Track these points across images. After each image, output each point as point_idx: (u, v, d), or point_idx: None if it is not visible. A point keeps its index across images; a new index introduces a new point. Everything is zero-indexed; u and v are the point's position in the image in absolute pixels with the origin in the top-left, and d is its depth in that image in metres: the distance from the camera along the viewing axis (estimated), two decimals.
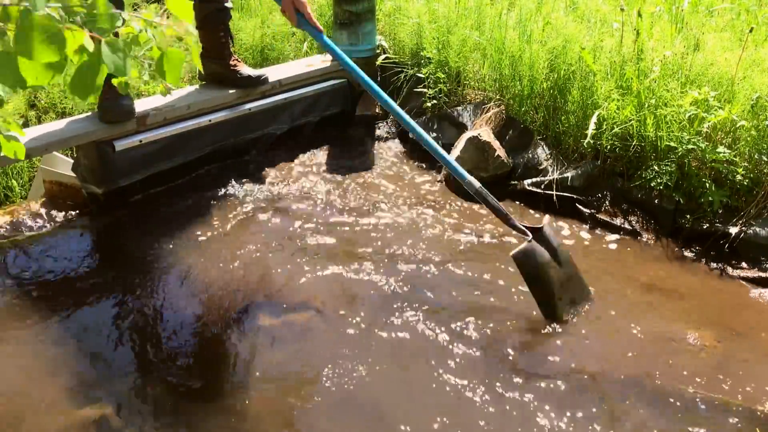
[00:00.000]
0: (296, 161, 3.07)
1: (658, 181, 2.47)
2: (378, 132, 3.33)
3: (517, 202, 2.80)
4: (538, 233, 2.13)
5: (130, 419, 1.75)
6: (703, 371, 1.90)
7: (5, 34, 0.83)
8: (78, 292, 2.22)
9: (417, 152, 3.16)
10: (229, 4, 2.79)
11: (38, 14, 0.81)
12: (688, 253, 2.44)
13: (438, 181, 2.95)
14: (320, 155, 3.15)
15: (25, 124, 3.07)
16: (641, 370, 1.91)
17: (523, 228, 2.13)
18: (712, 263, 2.38)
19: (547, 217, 2.39)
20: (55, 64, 0.86)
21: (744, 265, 2.34)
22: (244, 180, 2.89)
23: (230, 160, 2.98)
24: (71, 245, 2.45)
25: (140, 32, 0.98)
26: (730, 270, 2.34)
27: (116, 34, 0.93)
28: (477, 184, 2.19)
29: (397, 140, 3.30)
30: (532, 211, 2.73)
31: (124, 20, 0.94)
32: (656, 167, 2.50)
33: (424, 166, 3.09)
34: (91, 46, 0.87)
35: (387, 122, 3.37)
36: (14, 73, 0.83)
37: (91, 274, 2.33)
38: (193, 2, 2.92)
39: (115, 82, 1.14)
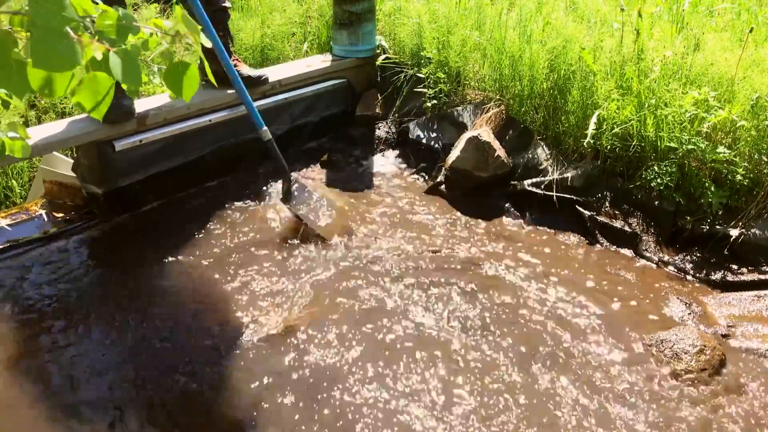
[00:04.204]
0: (296, 162, 3.07)
1: (659, 181, 2.46)
2: (378, 132, 3.33)
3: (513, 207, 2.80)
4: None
5: (130, 428, 1.74)
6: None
7: (16, 42, 0.81)
8: (78, 298, 2.22)
9: (417, 153, 3.16)
10: (227, 4, 2.79)
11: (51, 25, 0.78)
12: (687, 257, 2.44)
13: (438, 182, 2.95)
14: (320, 155, 3.15)
15: (25, 124, 3.07)
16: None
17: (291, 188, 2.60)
18: (711, 267, 2.38)
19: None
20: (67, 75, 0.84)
21: (743, 269, 2.33)
22: (243, 182, 2.89)
23: (230, 162, 2.98)
24: (72, 251, 2.45)
25: (150, 35, 0.94)
26: (729, 275, 2.33)
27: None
28: (268, 136, 2.58)
29: (397, 140, 3.30)
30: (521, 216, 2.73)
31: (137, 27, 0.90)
32: (656, 167, 2.50)
33: (423, 166, 3.09)
34: (100, 56, 0.85)
35: (387, 122, 3.37)
36: (24, 81, 0.82)
37: (91, 281, 2.33)
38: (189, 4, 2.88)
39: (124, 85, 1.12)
